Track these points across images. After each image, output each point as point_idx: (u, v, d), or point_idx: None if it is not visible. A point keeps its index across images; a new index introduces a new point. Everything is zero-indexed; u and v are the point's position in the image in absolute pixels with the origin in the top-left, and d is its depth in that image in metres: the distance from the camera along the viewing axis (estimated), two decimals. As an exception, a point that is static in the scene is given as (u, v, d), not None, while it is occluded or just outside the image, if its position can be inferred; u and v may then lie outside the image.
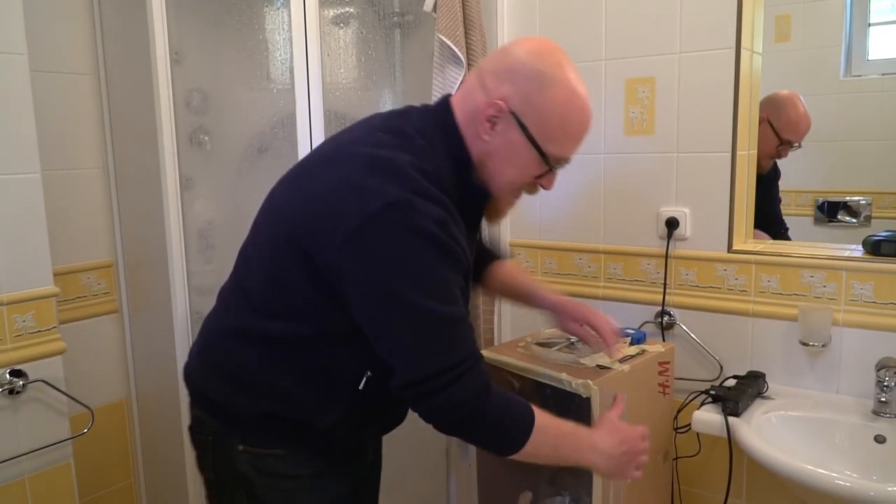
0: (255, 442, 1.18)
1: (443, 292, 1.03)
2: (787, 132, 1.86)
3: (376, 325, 1.05)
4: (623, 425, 1.22)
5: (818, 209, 2.06)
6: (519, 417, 1.10)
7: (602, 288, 1.86)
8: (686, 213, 1.71)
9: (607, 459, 1.18)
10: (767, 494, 1.67)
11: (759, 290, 1.65)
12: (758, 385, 1.59)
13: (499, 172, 1.14)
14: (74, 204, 1.87)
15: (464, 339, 1.06)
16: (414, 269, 1.01)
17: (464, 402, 1.05)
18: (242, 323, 1.17)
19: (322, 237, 1.04)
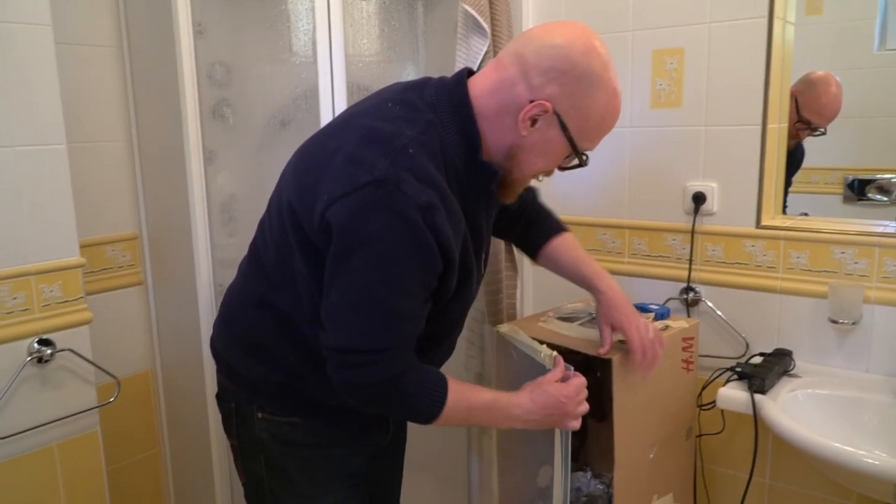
0: (273, 410, 1.22)
1: (400, 283, 1.03)
2: (808, 111, 1.80)
3: (329, 286, 1.06)
4: (550, 387, 1.20)
5: (847, 187, 2.01)
6: (430, 398, 1.11)
7: (626, 264, 1.84)
8: (713, 187, 1.67)
9: (524, 423, 1.20)
10: (792, 473, 1.65)
11: (788, 267, 1.62)
12: (784, 363, 1.57)
13: (529, 163, 1.14)
14: (99, 176, 1.89)
15: (399, 331, 1.07)
16: (380, 253, 1.01)
17: (372, 384, 1.07)
18: (258, 294, 1.19)
19: (310, 205, 1.05)
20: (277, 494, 1.25)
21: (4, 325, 1.50)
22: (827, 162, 1.99)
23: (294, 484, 1.23)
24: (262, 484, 1.25)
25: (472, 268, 1.17)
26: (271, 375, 1.20)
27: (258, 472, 1.26)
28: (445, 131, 1.09)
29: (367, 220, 0.99)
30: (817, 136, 1.88)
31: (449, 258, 1.06)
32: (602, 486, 1.70)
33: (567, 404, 1.20)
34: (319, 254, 1.06)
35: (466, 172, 1.11)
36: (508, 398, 1.19)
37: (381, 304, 1.04)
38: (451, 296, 1.14)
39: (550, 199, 1.92)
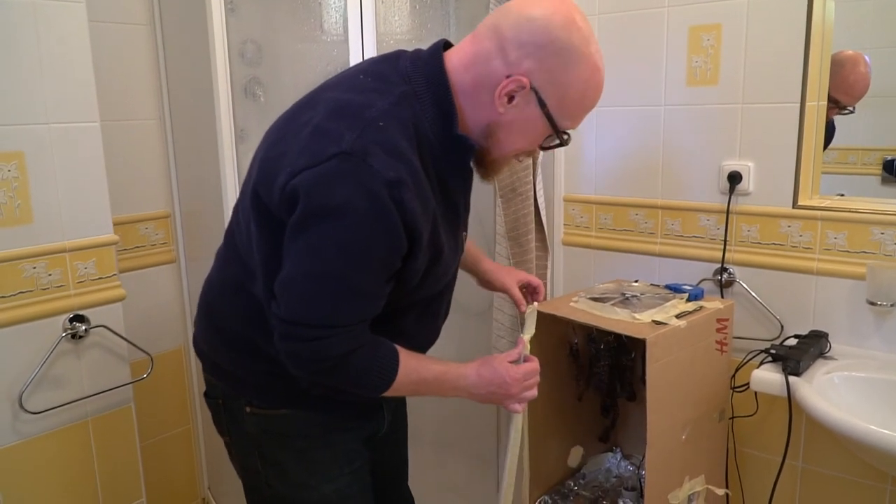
0: (261, 403, 1.19)
1: (359, 259, 0.99)
2: (836, 90, 1.75)
3: (285, 255, 1.02)
4: (500, 366, 1.17)
5: (885, 168, 1.96)
6: (380, 374, 1.08)
7: (659, 244, 1.82)
8: (750, 166, 1.64)
9: (470, 395, 1.18)
10: (825, 456, 1.63)
11: (825, 248, 1.58)
12: (820, 345, 1.54)
13: (509, 142, 1.10)
14: (132, 155, 1.90)
15: (354, 307, 1.03)
16: (341, 226, 0.96)
17: (322, 360, 1.03)
18: (235, 282, 1.15)
19: (272, 179, 1.01)
20: (275, 487, 1.21)
21: (40, 301, 1.52)
22: (865, 142, 1.94)
23: (291, 475, 1.20)
24: (260, 478, 1.22)
25: (443, 248, 1.12)
26: (255, 366, 1.16)
27: (254, 466, 1.22)
28: (420, 104, 1.05)
29: (331, 192, 0.95)
30: (846, 115, 1.83)
31: (415, 237, 1.02)
32: (632, 467, 1.69)
33: (511, 386, 1.17)
34: (279, 230, 1.02)
35: (442, 147, 1.06)
36: (457, 370, 1.17)
37: (336, 278, 0.99)
38: (419, 278, 1.10)
39: (582, 179, 1.92)
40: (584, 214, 1.94)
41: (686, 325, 1.39)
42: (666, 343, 1.35)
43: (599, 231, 1.92)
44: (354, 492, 1.24)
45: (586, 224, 1.94)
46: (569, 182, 1.96)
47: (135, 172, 1.91)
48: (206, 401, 1.28)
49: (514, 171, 1.67)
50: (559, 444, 1.65)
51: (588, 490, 1.64)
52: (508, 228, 1.69)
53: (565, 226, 1.98)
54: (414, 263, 1.06)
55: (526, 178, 1.68)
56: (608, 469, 1.71)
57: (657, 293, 1.56)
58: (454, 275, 1.26)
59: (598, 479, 1.68)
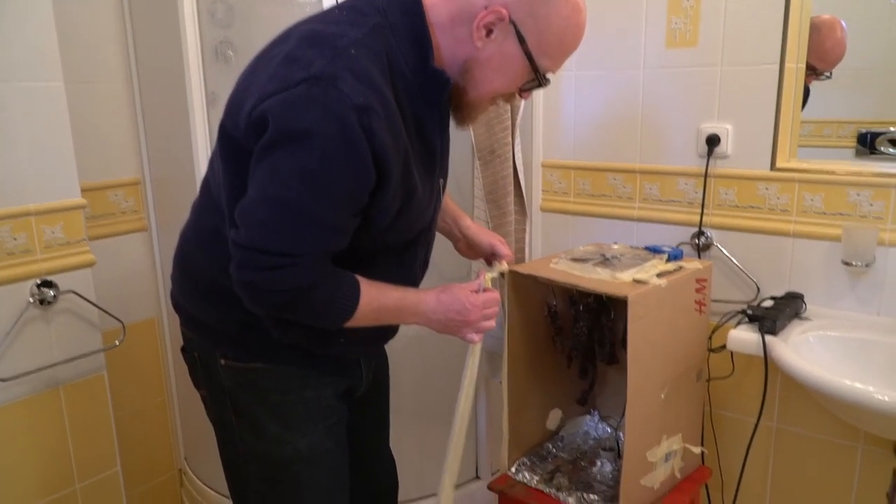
0: (236, 356, 1.17)
1: (324, 187, 0.96)
2: (813, 56, 1.75)
3: (249, 181, 0.99)
4: (460, 292, 1.17)
5: (859, 141, 1.97)
6: (342, 306, 1.06)
7: (637, 209, 1.81)
8: (728, 129, 1.64)
9: (428, 321, 1.17)
10: (799, 417, 1.65)
11: (802, 210, 1.59)
12: (796, 306, 1.55)
13: (486, 81, 1.07)
14: (98, 119, 1.85)
15: (316, 238, 1.00)
16: (307, 151, 0.94)
17: (280, 290, 1.00)
18: (211, 228, 1.13)
19: (239, 107, 0.99)
20: (248, 441, 1.19)
21: (6, 266, 1.47)
22: (841, 115, 1.95)
23: (265, 429, 1.18)
24: (234, 432, 1.21)
25: (416, 188, 1.09)
26: (229, 316, 1.13)
27: (228, 420, 1.21)
28: (394, 36, 1.02)
29: (298, 117, 0.93)
30: (823, 81, 1.83)
31: (384, 170, 0.99)
32: (610, 429, 1.70)
33: (471, 312, 1.17)
34: (245, 161, 0.99)
35: (416, 82, 1.04)
36: (417, 295, 1.16)
37: (299, 205, 0.96)
38: (391, 218, 1.07)
39: (560, 144, 1.91)
40: (563, 180, 1.93)
41: (666, 284, 1.39)
42: (646, 301, 1.34)
43: (578, 197, 1.91)
44: (329, 447, 1.22)
45: (564, 190, 1.93)
46: (547, 148, 1.94)
47: (102, 137, 1.86)
48: (183, 355, 1.26)
49: (492, 133, 1.65)
50: (538, 407, 1.65)
51: (566, 452, 1.64)
52: (487, 191, 1.67)
53: (543, 192, 1.97)
54: (382, 200, 1.03)
55: (505, 139, 1.66)
56: (586, 432, 1.71)
57: (637, 254, 1.55)
58: (432, 222, 1.24)
59: (577, 441, 1.68)
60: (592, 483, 1.53)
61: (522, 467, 1.58)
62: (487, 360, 1.79)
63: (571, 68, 1.85)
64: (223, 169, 1.05)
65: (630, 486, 1.41)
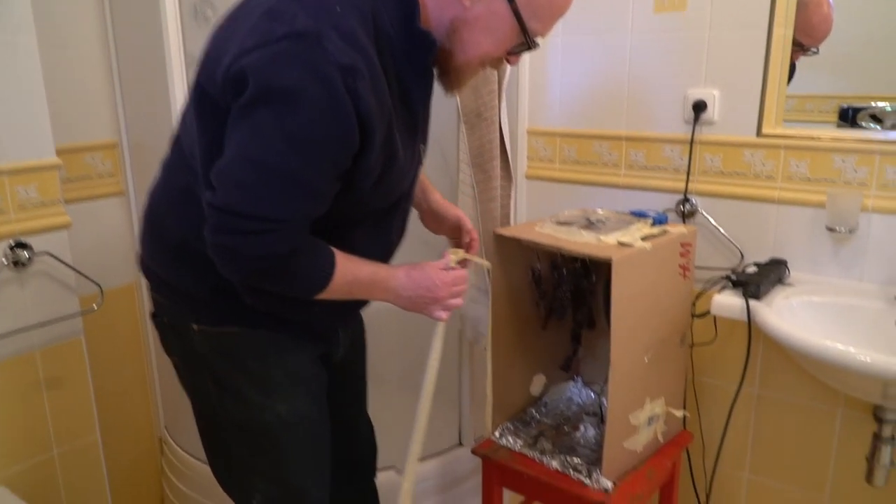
0: (210, 321, 1.13)
1: (307, 149, 0.93)
2: (799, 32, 1.74)
3: (227, 141, 0.95)
4: (430, 269, 1.16)
5: (841, 116, 1.97)
6: (317, 277, 1.03)
7: (623, 176, 1.81)
8: (715, 95, 1.63)
9: (397, 297, 1.15)
10: (781, 382, 1.66)
11: (787, 176, 1.59)
12: (779, 271, 1.56)
13: (473, 43, 1.05)
14: (74, 79, 1.80)
15: (295, 202, 0.96)
16: (290, 111, 0.90)
17: (260, 257, 0.97)
18: (182, 186, 1.09)
19: (216, 62, 0.95)
20: (227, 407, 1.17)
21: (-21, 225, 1.44)
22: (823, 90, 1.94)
23: (245, 395, 1.15)
24: (211, 398, 1.18)
25: (398, 153, 1.07)
26: (203, 280, 1.10)
27: (204, 387, 1.18)
28: None
29: (280, 75, 0.89)
30: (810, 56, 1.83)
31: (368, 134, 0.96)
32: (594, 394, 1.70)
33: (440, 289, 1.16)
34: (222, 118, 0.95)
35: (402, 45, 1.01)
36: (388, 271, 1.14)
37: (280, 167, 0.92)
38: (371, 184, 1.05)
39: (546, 110, 1.89)
40: (548, 147, 1.92)
41: (651, 247, 1.38)
42: (631, 264, 1.34)
43: (563, 164, 1.90)
44: (310, 412, 1.20)
45: (550, 157, 1.92)
46: (533, 114, 1.92)
47: (77, 99, 1.81)
48: (153, 321, 1.22)
49: (479, 96, 1.63)
50: (521, 373, 1.65)
51: (550, 417, 1.64)
52: (473, 155, 1.65)
53: (529, 159, 1.95)
54: (365, 164, 1.00)
55: (491, 102, 1.64)
56: (569, 398, 1.71)
57: (622, 218, 1.55)
58: (411, 189, 1.22)
59: (560, 407, 1.68)
60: (576, 447, 1.53)
61: (506, 432, 1.58)
62: (471, 326, 1.78)
63: (558, 34, 1.83)
64: (198, 127, 1.01)
65: (613, 448, 1.41)
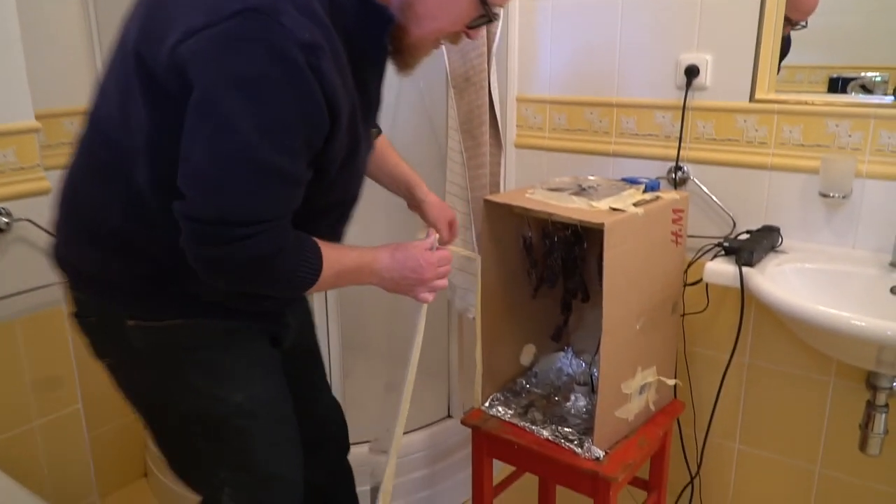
0: (146, 314, 1.04)
1: (280, 136, 0.87)
2: (789, 8, 1.72)
3: (189, 143, 0.87)
4: (414, 249, 1.14)
5: (830, 87, 1.95)
6: (306, 273, 0.99)
7: (613, 144, 1.78)
8: (708, 59, 1.61)
9: (381, 280, 1.12)
10: (772, 351, 1.65)
11: (780, 142, 1.57)
12: (772, 238, 1.54)
13: (429, 17, 0.99)
14: (52, 41, 1.75)
15: (279, 197, 0.91)
16: (254, 99, 0.84)
17: (246, 263, 0.91)
18: (104, 167, 1.00)
19: (159, 39, 0.87)
20: (181, 405, 1.09)
21: (-45, 190, 1.40)
22: (812, 60, 1.92)
23: (198, 388, 1.08)
24: (159, 399, 1.09)
25: (360, 139, 1.03)
26: (135, 270, 1.02)
27: (150, 389, 1.10)
28: None
29: (237, 57, 0.83)
30: (799, 31, 1.81)
31: (335, 115, 0.91)
32: (584, 364, 1.69)
33: (426, 269, 1.13)
34: (168, 101, 0.88)
35: (356, 21, 0.95)
36: (372, 254, 1.11)
37: (257, 161, 0.86)
38: (336, 170, 1.00)
39: (536, 77, 1.86)
40: (538, 115, 1.89)
41: (643, 213, 1.36)
42: (623, 230, 1.32)
43: (553, 132, 1.87)
44: (270, 397, 1.14)
45: (540, 125, 1.89)
46: (522, 81, 1.89)
47: (56, 64, 1.76)
48: (78, 323, 1.10)
49: (467, 59, 1.59)
50: (512, 342, 1.63)
51: (541, 387, 1.63)
52: (462, 121, 1.62)
53: (518, 127, 1.93)
54: (333, 148, 0.95)
55: (480, 66, 1.60)
56: (560, 368, 1.70)
57: (614, 185, 1.53)
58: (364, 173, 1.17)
59: (550, 377, 1.67)
60: (567, 417, 1.51)
61: (496, 402, 1.56)
62: (460, 296, 1.76)
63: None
64: (141, 106, 0.92)
65: (605, 417, 1.39)
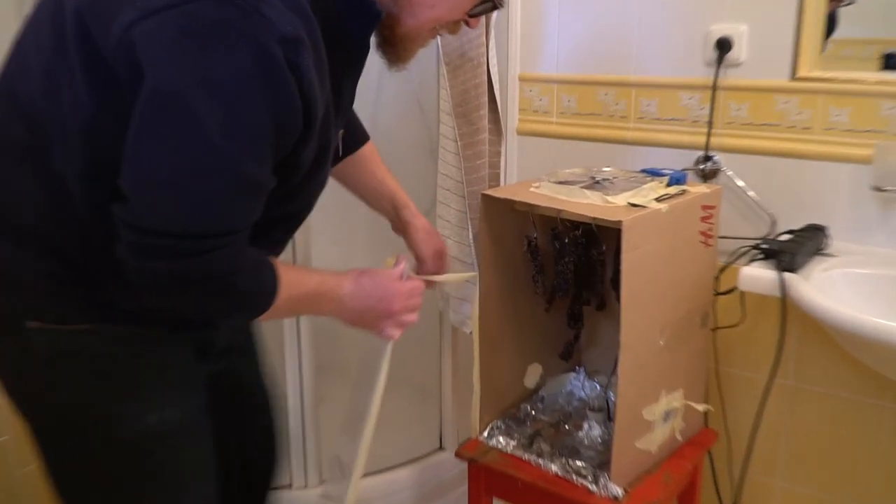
0: (52, 316, 1.01)
1: (248, 140, 0.86)
2: None
3: (140, 141, 0.85)
4: (382, 277, 1.15)
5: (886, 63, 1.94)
6: (262, 294, 0.98)
7: (632, 130, 1.76)
8: (743, 31, 1.58)
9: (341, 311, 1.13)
10: (821, 371, 1.62)
11: (826, 127, 1.55)
12: (818, 239, 1.51)
13: (425, 5, 1.01)
14: None
15: (243, 207, 0.91)
16: (223, 92, 0.83)
17: (200, 281, 0.90)
18: (14, 147, 0.97)
19: (109, 9, 0.85)
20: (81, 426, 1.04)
21: None
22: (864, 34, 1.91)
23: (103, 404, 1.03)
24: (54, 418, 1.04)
25: (330, 143, 1.04)
26: (40, 264, 0.98)
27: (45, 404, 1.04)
28: None
29: (206, 46, 0.81)
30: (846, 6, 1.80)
31: (310, 116, 0.91)
32: (599, 386, 1.66)
33: (394, 301, 1.14)
34: (114, 85, 0.86)
35: (338, 13, 0.96)
36: (334, 279, 1.11)
37: (221, 166, 0.85)
38: (301, 177, 1.00)
39: (542, 53, 1.85)
40: (544, 96, 1.87)
41: (667, 209, 1.34)
42: (644, 229, 1.30)
43: (561, 116, 1.86)
44: (188, 420, 1.10)
45: (546, 108, 1.88)
46: (525, 58, 1.88)
47: None
48: None
49: (462, 33, 1.56)
50: (514, 362, 1.61)
51: (548, 414, 1.61)
52: (456, 103, 1.60)
53: (521, 111, 1.92)
54: (303, 153, 0.95)
55: (477, 40, 1.58)
56: (570, 391, 1.68)
57: (633, 177, 1.51)
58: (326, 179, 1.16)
59: (560, 401, 1.65)
60: (579, 448, 1.50)
61: (496, 431, 1.55)
62: (454, 306, 1.73)
63: (557, -38, 1.79)
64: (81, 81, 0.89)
65: (623, 448, 1.37)
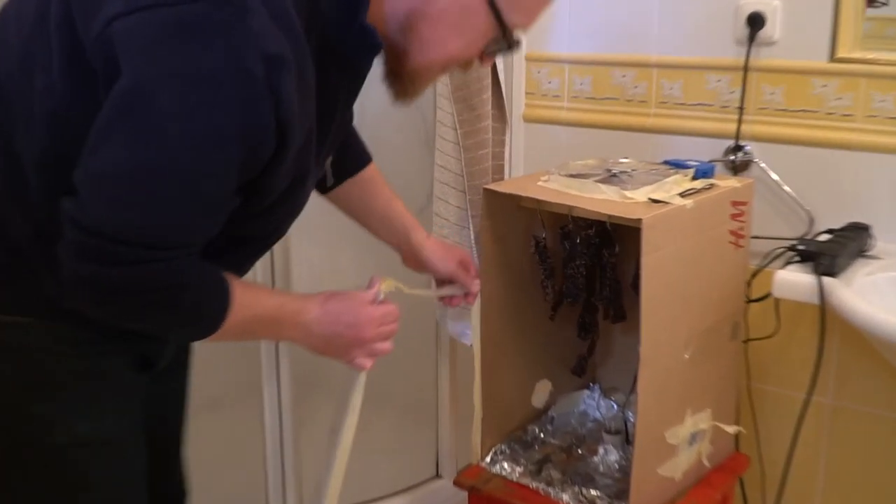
0: None
1: (212, 152, 0.90)
2: None
3: (102, 137, 0.89)
4: (353, 300, 1.18)
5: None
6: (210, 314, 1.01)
7: (652, 116, 1.80)
8: (776, 5, 1.62)
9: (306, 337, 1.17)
10: (864, 388, 1.65)
11: (869, 114, 1.59)
12: (860, 241, 1.55)
13: (437, 42, 1.05)
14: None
15: (197, 223, 0.95)
16: (194, 98, 0.87)
17: (140, 292, 0.94)
18: None
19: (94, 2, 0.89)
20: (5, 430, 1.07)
21: None
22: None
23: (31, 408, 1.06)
24: None
25: (308, 173, 1.09)
26: None
27: None
28: None
29: (184, 48, 0.86)
30: None
31: (285, 141, 0.95)
32: (616, 406, 1.69)
33: (365, 327, 1.17)
34: (90, 78, 0.90)
35: (339, 37, 1.02)
36: (297, 303, 1.16)
37: (179, 175, 0.89)
38: (271, 202, 1.04)
39: (552, 30, 1.88)
40: (554, 78, 1.91)
41: (693, 205, 1.37)
42: (666, 228, 1.32)
43: (573, 101, 1.90)
44: (122, 434, 1.13)
45: (556, 92, 1.91)
46: (533, 35, 1.90)
47: None
48: None
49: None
50: (520, 378, 1.63)
51: (558, 437, 1.63)
52: (455, 86, 1.63)
53: (528, 95, 1.95)
54: (273, 177, 0.99)
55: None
56: (584, 411, 1.71)
57: (654, 169, 1.54)
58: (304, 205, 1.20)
59: (572, 422, 1.68)
60: (593, 475, 1.52)
61: (500, 457, 1.57)
62: (451, 316, 1.76)
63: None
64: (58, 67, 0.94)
65: (644, 475, 1.40)
